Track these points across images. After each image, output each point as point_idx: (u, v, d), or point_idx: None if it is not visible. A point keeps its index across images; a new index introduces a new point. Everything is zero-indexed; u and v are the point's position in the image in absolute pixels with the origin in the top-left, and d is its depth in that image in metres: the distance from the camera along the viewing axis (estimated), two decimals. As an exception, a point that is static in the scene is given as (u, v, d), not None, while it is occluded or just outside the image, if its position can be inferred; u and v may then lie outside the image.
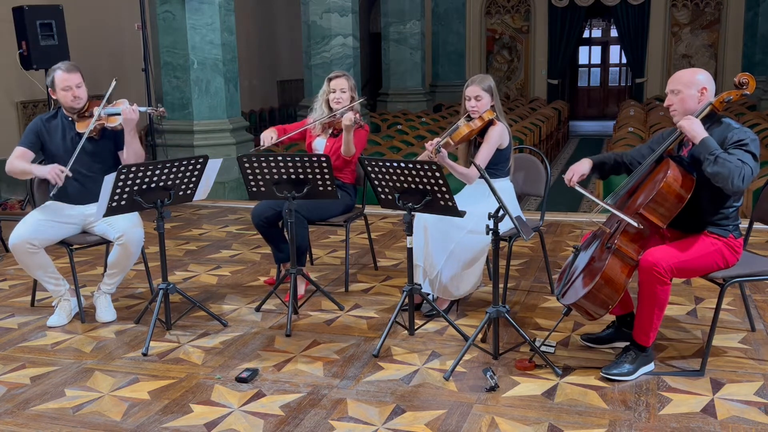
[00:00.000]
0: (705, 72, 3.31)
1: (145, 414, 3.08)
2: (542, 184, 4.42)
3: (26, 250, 3.96)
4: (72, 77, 4.06)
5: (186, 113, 8.39)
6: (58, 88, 4.06)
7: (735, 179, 3.01)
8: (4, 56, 8.41)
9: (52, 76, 4.08)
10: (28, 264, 4.02)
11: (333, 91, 4.56)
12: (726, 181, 3.02)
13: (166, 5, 8.26)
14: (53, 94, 4.12)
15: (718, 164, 3.02)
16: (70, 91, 4.06)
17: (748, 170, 3.03)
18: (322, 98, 4.64)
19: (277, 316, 4.22)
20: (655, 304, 3.19)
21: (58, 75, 4.06)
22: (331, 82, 4.59)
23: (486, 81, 4.11)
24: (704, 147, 3.09)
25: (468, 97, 4.09)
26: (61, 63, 4.14)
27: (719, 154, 3.04)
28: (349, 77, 4.61)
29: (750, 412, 2.97)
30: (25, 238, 3.94)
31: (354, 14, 11.85)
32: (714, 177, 3.05)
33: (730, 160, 3.02)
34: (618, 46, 19.56)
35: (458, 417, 2.98)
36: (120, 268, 4.12)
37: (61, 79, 4.05)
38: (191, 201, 3.97)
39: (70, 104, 4.08)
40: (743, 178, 3.01)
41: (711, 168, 3.04)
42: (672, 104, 3.30)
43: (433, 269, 4.00)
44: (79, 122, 4.11)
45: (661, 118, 11.33)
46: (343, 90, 4.54)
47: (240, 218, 6.89)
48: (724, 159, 3.02)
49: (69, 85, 4.05)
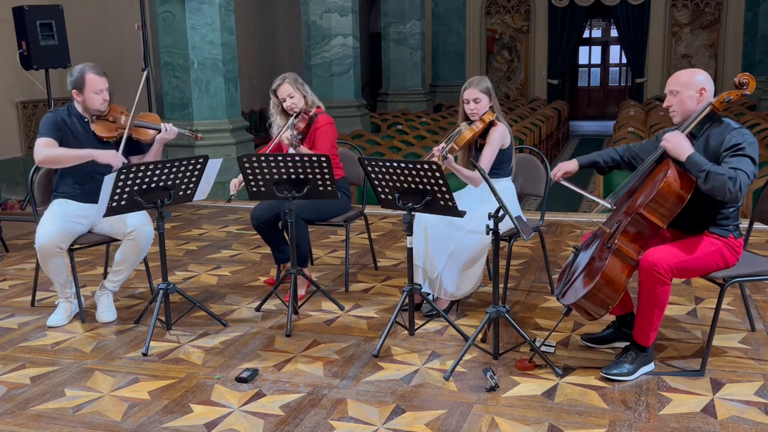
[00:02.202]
0: (704, 72, 3.31)
1: (145, 414, 3.08)
2: (542, 184, 4.42)
3: (55, 253, 3.96)
4: (103, 81, 4.06)
5: (186, 113, 8.39)
6: (90, 91, 4.03)
7: (731, 190, 3.01)
8: (4, 56, 8.41)
9: (80, 77, 4.03)
10: (49, 264, 4.00)
11: (283, 100, 4.45)
12: (723, 193, 3.03)
13: (166, 5, 8.26)
14: (77, 96, 4.06)
15: (710, 180, 3.03)
16: (101, 95, 4.05)
17: (743, 177, 3.02)
18: (276, 111, 4.54)
19: (277, 316, 4.22)
20: (655, 304, 3.19)
21: (90, 77, 4.02)
22: (276, 93, 4.46)
23: (483, 83, 4.09)
24: (692, 165, 3.11)
25: (466, 100, 4.07)
26: (86, 65, 4.08)
27: (709, 169, 3.04)
28: (291, 77, 4.46)
29: (750, 412, 2.97)
30: (55, 242, 3.93)
31: (354, 14, 11.86)
32: (711, 192, 3.07)
33: (722, 172, 3.02)
34: (618, 46, 19.57)
35: (458, 417, 2.99)
36: (127, 264, 4.12)
37: (95, 82, 4.03)
38: (191, 201, 3.97)
39: (98, 107, 4.06)
40: (739, 187, 3.01)
41: (704, 186, 3.07)
42: (671, 105, 3.30)
43: (434, 270, 4.00)
44: (97, 125, 4.10)
45: (661, 118, 11.33)
46: (290, 95, 4.42)
47: (240, 218, 6.89)
48: (714, 173, 3.03)
49: (102, 88, 4.05)
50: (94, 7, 10.16)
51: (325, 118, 4.50)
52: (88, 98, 4.05)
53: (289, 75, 4.50)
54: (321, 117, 4.49)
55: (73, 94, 4.08)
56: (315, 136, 4.45)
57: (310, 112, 4.46)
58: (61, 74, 8.01)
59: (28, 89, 8.82)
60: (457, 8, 17.93)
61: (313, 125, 4.46)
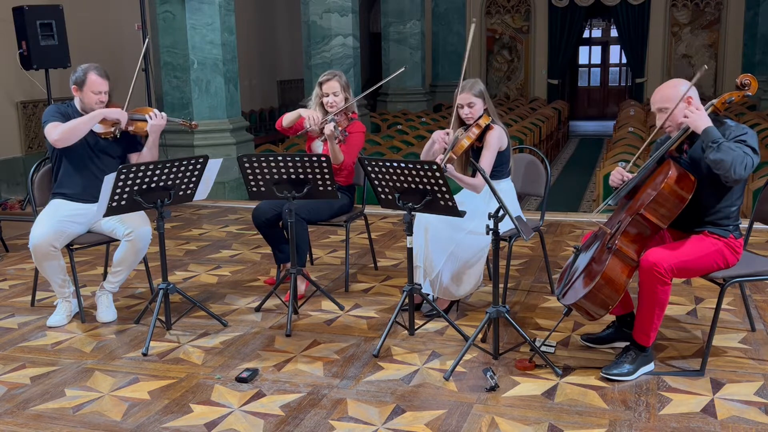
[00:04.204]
0: (683, 80, 3.32)
1: (145, 414, 3.08)
2: (542, 184, 4.42)
3: (49, 252, 3.96)
4: (105, 84, 4.09)
5: (186, 113, 8.39)
6: (89, 90, 4.06)
7: (737, 167, 3.01)
8: (4, 56, 8.42)
9: (83, 75, 4.06)
10: (44, 264, 4.01)
11: (326, 95, 4.53)
12: (728, 168, 3.02)
13: (166, 5, 8.26)
14: (76, 92, 4.10)
15: (722, 151, 3.03)
16: (98, 96, 4.08)
17: (750, 160, 3.05)
18: (316, 101, 4.61)
19: (277, 316, 4.22)
20: (656, 304, 3.19)
21: (92, 77, 4.06)
22: (322, 85, 4.54)
23: (476, 86, 4.04)
24: (707, 135, 3.10)
25: (460, 105, 4.02)
26: (91, 65, 4.12)
27: (722, 142, 3.05)
28: (340, 77, 4.56)
29: (750, 412, 2.97)
30: (49, 241, 3.93)
31: (354, 14, 11.85)
32: (716, 164, 3.05)
33: (733, 148, 3.04)
34: (618, 46, 19.57)
35: (458, 417, 2.98)
36: (126, 266, 4.12)
37: (96, 83, 4.06)
38: (191, 201, 3.98)
39: (93, 107, 4.09)
40: (745, 166, 3.03)
41: (714, 155, 3.04)
42: (665, 123, 3.29)
43: (434, 270, 4.00)
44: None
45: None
46: (335, 93, 4.49)
47: (240, 218, 6.89)
48: (727, 146, 3.04)
49: (101, 90, 4.08)
50: (94, 7, 10.16)
51: (359, 126, 4.60)
52: (86, 96, 4.08)
53: (339, 73, 4.60)
54: (356, 123, 4.60)
55: (72, 89, 4.12)
56: (349, 139, 4.51)
57: (349, 114, 4.57)
58: (61, 74, 8.04)
59: (28, 89, 8.82)
60: (457, 8, 17.91)
61: (348, 128, 4.54)
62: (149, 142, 4.22)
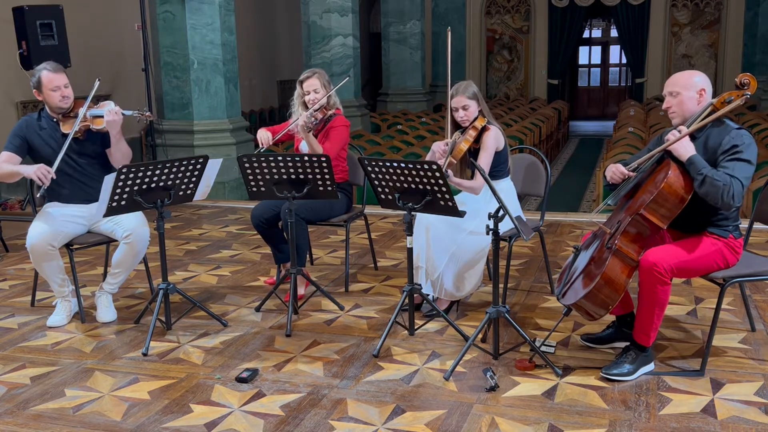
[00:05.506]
0: (702, 74, 3.32)
1: (145, 414, 3.08)
2: (542, 184, 4.42)
3: (46, 251, 3.96)
4: (59, 77, 4.04)
5: (186, 113, 8.40)
6: (47, 89, 4.04)
7: (724, 197, 3.05)
8: (4, 56, 8.41)
9: (38, 77, 4.05)
10: (42, 263, 4.01)
11: (307, 93, 4.52)
12: (717, 200, 3.07)
13: (166, 5, 8.26)
14: (38, 96, 4.09)
15: (706, 184, 3.06)
16: (58, 91, 4.04)
17: (737, 186, 3.05)
18: (298, 101, 4.61)
19: (277, 316, 4.22)
20: (656, 304, 3.19)
21: (45, 75, 4.03)
22: (303, 84, 4.53)
23: (470, 88, 4.04)
24: (692, 166, 3.12)
25: (455, 108, 4.02)
26: (45, 63, 4.10)
27: (707, 173, 3.06)
28: (321, 74, 4.54)
29: (750, 412, 2.97)
30: (46, 240, 3.93)
31: (354, 14, 11.86)
32: (705, 196, 3.10)
33: (718, 178, 3.05)
34: (618, 46, 19.56)
35: (458, 417, 2.99)
36: (125, 267, 4.12)
37: (49, 80, 4.03)
38: (191, 201, 3.97)
39: (58, 104, 4.06)
40: (732, 196, 3.05)
41: (699, 189, 3.09)
42: (671, 106, 3.30)
43: (435, 270, 4.00)
44: (64, 123, 4.08)
45: (661, 118, 11.33)
46: (316, 90, 4.49)
47: (240, 218, 6.89)
48: (711, 178, 3.05)
49: (58, 85, 4.04)
50: (94, 7, 10.15)
51: (342, 120, 4.58)
52: (47, 96, 4.05)
53: (319, 71, 4.60)
54: (339, 118, 4.57)
55: (35, 95, 4.11)
56: (329, 133, 4.50)
57: (330, 110, 4.54)
58: (61, 74, 8.04)
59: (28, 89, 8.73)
60: (457, 8, 17.92)
61: (330, 123, 4.53)
62: (112, 139, 4.11)
